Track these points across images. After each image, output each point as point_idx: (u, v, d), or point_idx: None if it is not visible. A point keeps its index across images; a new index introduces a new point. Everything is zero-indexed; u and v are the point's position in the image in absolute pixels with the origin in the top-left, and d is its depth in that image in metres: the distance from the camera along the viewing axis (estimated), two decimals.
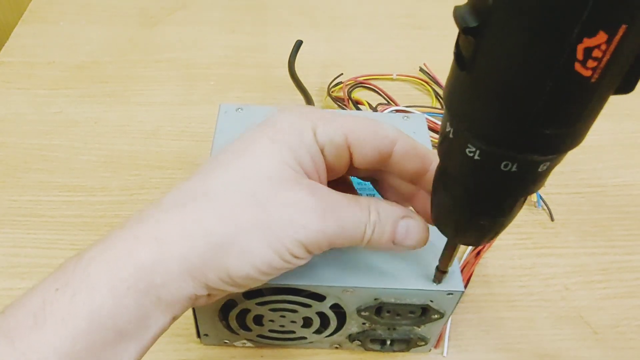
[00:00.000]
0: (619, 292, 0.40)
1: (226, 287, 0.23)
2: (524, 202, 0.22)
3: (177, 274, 0.22)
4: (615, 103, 0.58)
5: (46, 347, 0.20)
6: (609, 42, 0.14)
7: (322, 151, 0.25)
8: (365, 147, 0.26)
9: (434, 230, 0.26)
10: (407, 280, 0.29)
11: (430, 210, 0.24)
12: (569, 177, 0.49)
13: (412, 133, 0.38)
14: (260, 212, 0.23)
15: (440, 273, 0.29)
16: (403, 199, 0.28)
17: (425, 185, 0.27)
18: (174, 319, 0.23)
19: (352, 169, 0.27)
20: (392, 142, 0.26)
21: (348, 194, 0.25)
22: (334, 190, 0.25)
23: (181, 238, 0.22)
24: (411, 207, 0.28)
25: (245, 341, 0.35)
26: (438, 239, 0.26)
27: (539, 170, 0.19)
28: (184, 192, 0.24)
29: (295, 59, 0.54)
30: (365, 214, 0.25)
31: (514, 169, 0.19)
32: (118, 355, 0.21)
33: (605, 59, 0.15)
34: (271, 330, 0.33)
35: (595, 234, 0.44)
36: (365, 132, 0.26)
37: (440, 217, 0.24)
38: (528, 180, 0.20)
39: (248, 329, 0.33)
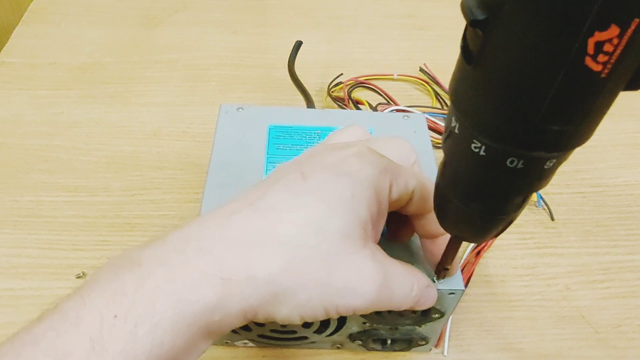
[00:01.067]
0: (620, 292, 0.40)
1: (262, 322, 0.24)
2: (529, 199, 0.22)
3: (234, 313, 0.22)
4: (616, 103, 0.58)
5: None
6: (620, 36, 0.14)
7: (389, 205, 0.26)
8: (420, 198, 0.27)
9: None
10: None
11: (434, 204, 0.24)
12: (570, 177, 0.49)
13: (412, 132, 0.38)
14: (326, 273, 0.23)
15: (443, 270, 0.29)
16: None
17: (419, 227, 0.28)
18: None
19: None
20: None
21: (397, 261, 0.26)
22: (388, 257, 0.25)
23: (246, 280, 0.22)
24: None
25: (246, 341, 0.35)
26: None
27: (545, 167, 0.19)
28: (252, 229, 0.23)
29: (294, 59, 0.54)
30: (409, 289, 0.26)
31: (519, 165, 0.19)
32: None
33: (616, 54, 0.14)
34: (272, 330, 0.33)
35: (596, 234, 0.44)
36: (425, 186, 0.26)
37: (443, 213, 0.24)
38: (534, 177, 0.20)
39: (249, 329, 0.33)
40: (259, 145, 0.36)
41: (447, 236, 0.27)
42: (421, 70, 0.57)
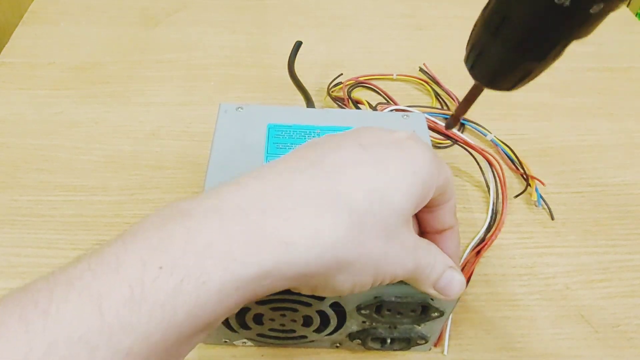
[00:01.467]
0: (619, 291, 0.40)
1: (305, 291, 0.23)
2: (565, 49, 0.22)
3: (288, 277, 0.21)
4: (616, 103, 0.58)
5: (139, 332, 0.18)
6: None
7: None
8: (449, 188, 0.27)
9: None
10: None
11: (466, 50, 0.24)
12: (570, 176, 0.49)
13: (412, 131, 0.38)
14: (383, 246, 0.23)
15: (454, 120, 0.29)
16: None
17: (431, 220, 0.28)
18: None
19: None
20: None
21: (422, 238, 0.26)
22: (416, 234, 0.26)
23: (312, 245, 0.21)
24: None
25: (245, 340, 0.34)
26: None
27: (591, 11, 0.19)
28: (319, 190, 0.22)
29: (294, 59, 0.54)
30: (432, 260, 0.26)
31: (567, 3, 0.18)
32: (195, 341, 0.21)
33: None
34: (271, 330, 0.33)
35: (596, 233, 0.44)
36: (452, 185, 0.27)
37: (475, 58, 0.24)
38: (577, 20, 0.19)
39: (248, 328, 0.33)
40: (258, 145, 0.36)
41: (452, 230, 0.28)
42: (421, 70, 0.57)
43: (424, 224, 0.29)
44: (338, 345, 0.35)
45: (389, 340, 0.34)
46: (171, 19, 0.65)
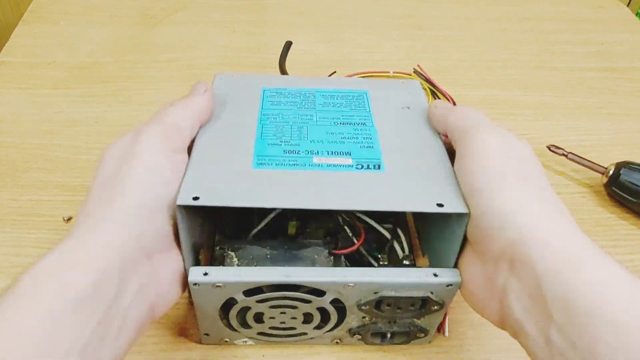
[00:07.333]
0: None
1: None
2: None
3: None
4: (616, 102, 0.57)
5: None
6: None
7: None
8: None
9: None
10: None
11: None
12: (570, 176, 0.49)
13: (407, 94, 0.39)
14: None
15: None
16: None
17: None
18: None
19: None
20: None
21: None
22: None
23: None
24: None
25: (246, 339, 0.34)
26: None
27: None
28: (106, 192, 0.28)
29: (285, 59, 0.53)
30: None
31: None
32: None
33: None
34: (272, 328, 0.33)
35: (596, 234, 0.44)
36: None
37: None
38: None
39: (248, 327, 0.33)
40: (253, 103, 0.37)
41: None
42: (415, 72, 0.57)
43: None
44: (338, 341, 0.35)
45: (389, 335, 0.34)
46: (171, 18, 0.64)
